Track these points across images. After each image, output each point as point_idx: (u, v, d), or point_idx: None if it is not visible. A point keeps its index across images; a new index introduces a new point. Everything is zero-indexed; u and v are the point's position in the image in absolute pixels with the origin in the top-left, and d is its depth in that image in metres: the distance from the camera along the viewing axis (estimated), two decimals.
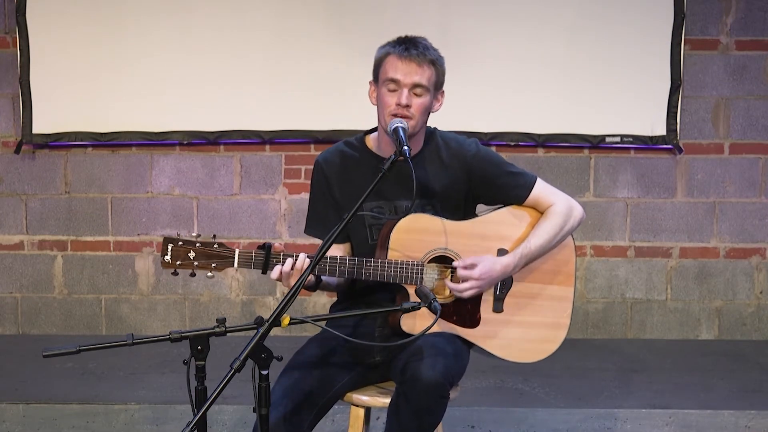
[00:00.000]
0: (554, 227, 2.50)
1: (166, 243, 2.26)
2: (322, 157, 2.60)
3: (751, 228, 4.78)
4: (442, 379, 2.24)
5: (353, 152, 2.56)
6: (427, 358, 2.25)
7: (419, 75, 2.40)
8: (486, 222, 2.53)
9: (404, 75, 2.40)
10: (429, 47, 2.45)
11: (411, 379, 2.24)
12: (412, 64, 2.40)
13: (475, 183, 2.53)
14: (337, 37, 4.57)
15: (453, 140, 2.57)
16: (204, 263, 2.27)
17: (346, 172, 2.54)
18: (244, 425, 3.51)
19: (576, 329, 4.75)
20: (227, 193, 4.79)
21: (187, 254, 2.26)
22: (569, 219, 2.53)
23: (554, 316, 2.54)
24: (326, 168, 2.57)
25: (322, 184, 2.57)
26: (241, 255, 2.29)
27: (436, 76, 2.44)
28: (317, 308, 4.82)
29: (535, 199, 2.54)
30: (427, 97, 2.43)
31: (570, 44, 4.60)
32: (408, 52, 2.40)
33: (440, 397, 2.26)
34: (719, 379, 4.05)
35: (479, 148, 2.56)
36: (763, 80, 4.72)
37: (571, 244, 2.57)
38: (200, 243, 2.27)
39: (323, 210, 2.56)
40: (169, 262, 2.26)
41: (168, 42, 4.62)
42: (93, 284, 4.84)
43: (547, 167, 4.67)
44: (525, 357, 2.53)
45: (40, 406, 3.63)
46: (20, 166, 4.79)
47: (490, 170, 2.53)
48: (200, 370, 1.97)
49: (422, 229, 2.43)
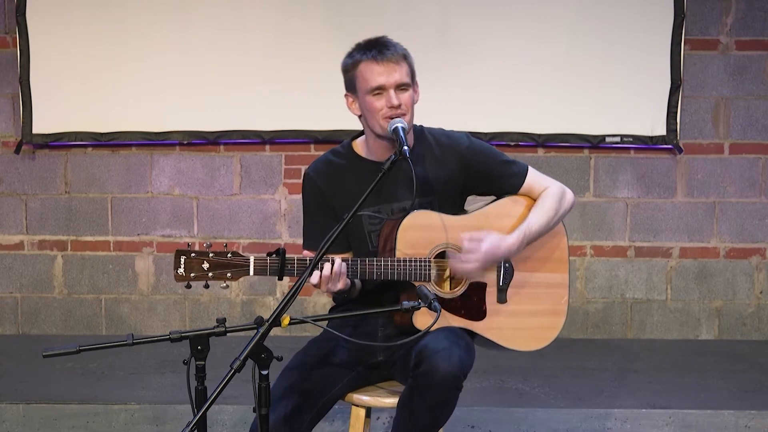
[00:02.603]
0: (551, 208, 2.54)
1: (179, 255, 2.22)
2: (312, 168, 2.59)
3: (751, 228, 4.78)
4: (458, 371, 2.25)
5: (341, 160, 2.56)
6: (442, 351, 2.25)
7: (399, 73, 2.42)
8: (486, 214, 2.54)
9: (387, 77, 2.42)
10: (395, 43, 2.47)
11: (427, 372, 2.24)
12: (389, 64, 2.42)
13: (471, 175, 2.55)
14: (337, 38, 4.53)
15: (443, 135, 2.58)
16: (219, 274, 2.24)
17: (337, 180, 2.53)
18: (244, 425, 3.51)
19: (576, 329, 4.75)
20: (227, 193, 4.79)
21: (201, 266, 2.23)
22: (563, 201, 2.58)
23: (552, 303, 2.57)
24: (317, 179, 2.55)
25: (317, 196, 2.55)
26: (257, 262, 2.27)
27: (410, 68, 2.47)
28: (317, 308, 4.82)
29: (529, 186, 2.57)
30: (410, 91, 2.45)
31: (570, 44, 4.60)
32: (382, 55, 2.43)
33: (455, 389, 2.27)
34: (719, 379, 4.05)
35: (471, 141, 2.57)
36: (763, 80, 4.72)
37: (561, 230, 2.61)
38: (213, 253, 2.23)
39: (323, 220, 2.52)
40: (183, 275, 2.23)
41: (168, 42, 4.62)
42: (93, 284, 4.84)
43: (547, 167, 4.66)
44: (528, 345, 2.56)
45: (40, 406, 3.63)
46: (20, 166, 4.79)
47: (485, 161, 2.55)
48: (200, 370, 1.97)
49: (425, 225, 2.44)
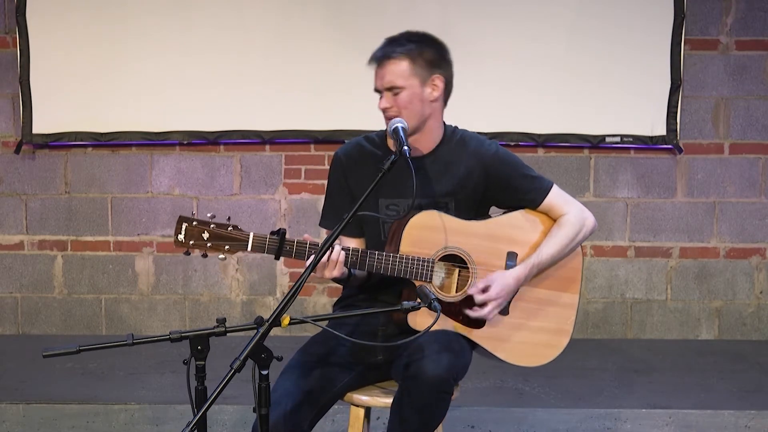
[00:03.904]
0: (566, 237, 2.51)
1: (181, 222, 2.25)
2: (342, 150, 2.62)
3: (751, 228, 4.78)
4: (446, 375, 2.25)
5: (373, 148, 2.57)
6: (431, 355, 2.25)
7: (390, 74, 2.42)
8: (498, 223, 2.53)
9: (379, 80, 2.45)
10: (400, 41, 2.44)
11: (414, 375, 2.24)
12: (383, 66, 2.43)
13: (492, 183, 2.53)
14: (337, 37, 4.57)
15: (473, 139, 2.57)
16: (217, 245, 2.25)
17: (364, 165, 2.53)
18: (244, 425, 3.51)
19: (576, 329, 4.69)
20: (227, 193, 4.79)
21: (201, 234, 2.25)
22: (582, 229, 2.54)
23: (558, 322, 2.56)
24: (345, 161, 2.58)
25: (340, 177, 2.58)
26: (256, 239, 2.28)
27: (413, 65, 2.42)
28: (317, 308, 4.82)
29: (549, 205, 2.54)
30: (408, 90, 2.42)
31: (570, 44, 4.60)
32: (376, 57, 2.44)
33: (444, 393, 2.27)
34: (719, 379, 4.05)
35: (498, 149, 2.56)
36: (763, 80, 4.72)
37: (579, 252, 2.58)
38: (215, 224, 2.26)
39: (340, 203, 2.56)
40: (182, 242, 2.24)
41: (168, 42, 4.62)
42: (93, 284, 4.84)
43: (547, 167, 4.67)
44: (526, 361, 2.54)
45: (40, 406, 3.63)
46: (20, 166, 4.79)
47: (507, 171, 2.53)
48: (200, 370, 1.97)
49: (435, 226, 2.43)
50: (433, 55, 2.46)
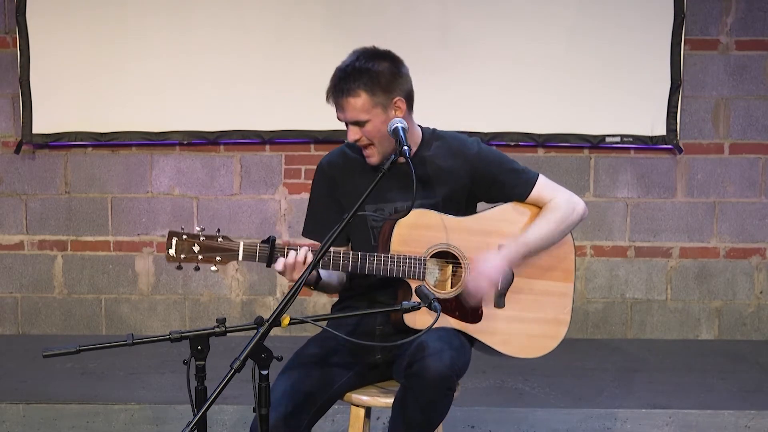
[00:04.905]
0: (554, 220, 2.51)
1: (171, 237, 2.30)
2: (326, 159, 2.62)
3: (751, 228, 4.78)
4: (449, 371, 2.25)
5: (356, 155, 2.56)
6: (433, 352, 2.25)
7: (351, 111, 2.40)
8: (487, 218, 2.54)
9: (341, 114, 2.43)
10: (352, 74, 2.39)
11: (418, 373, 2.25)
12: (341, 103, 2.41)
13: (477, 181, 2.54)
14: (337, 38, 4.55)
15: (454, 139, 2.58)
16: (208, 257, 2.28)
17: (349, 173, 2.55)
18: (244, 425, 3.51)
19: (576, 329, 4.75)
20: (227, 193, 4.79)
21: (192, 248, 2.28)
22: (570, 213, 2.53)
23: (555, 312, 2.55)
24: (329, 170, 2.58)
25: (325, 187, 2.58)
26: (246, 248, 2.30)
27: (372, 96, 2.39)
28: (317, 308, 4.82)
29: (537, 196, 2.54)
30: (374, 120, 2.40)
31: (570, 44, 4.60)
32: (333, 94, 2.42)
33: (447, 390, 2.27)
34: (719, 379, 4.05)
35: (481, 147, 2.56)
36: (763, 80, 4.72)
37: (569, 240, 2.58)
38: (204, 236, 2.29)
39: (324, 212, 2.56)
40: (173, 256, 2.30)
41: (168, 42, 4.62)
42: (93, 284, 4.84)
43: (547, 167, 4.67)
44: (526, 352, 2.54)
45: (40, 406, 3.63)
46: (20, 166, 4.79)
47: (492, 168, 2.54)
48: (200, 370, 1.97)
49: (424, 225, 2.44)
50: (388, 77, 2.41)
